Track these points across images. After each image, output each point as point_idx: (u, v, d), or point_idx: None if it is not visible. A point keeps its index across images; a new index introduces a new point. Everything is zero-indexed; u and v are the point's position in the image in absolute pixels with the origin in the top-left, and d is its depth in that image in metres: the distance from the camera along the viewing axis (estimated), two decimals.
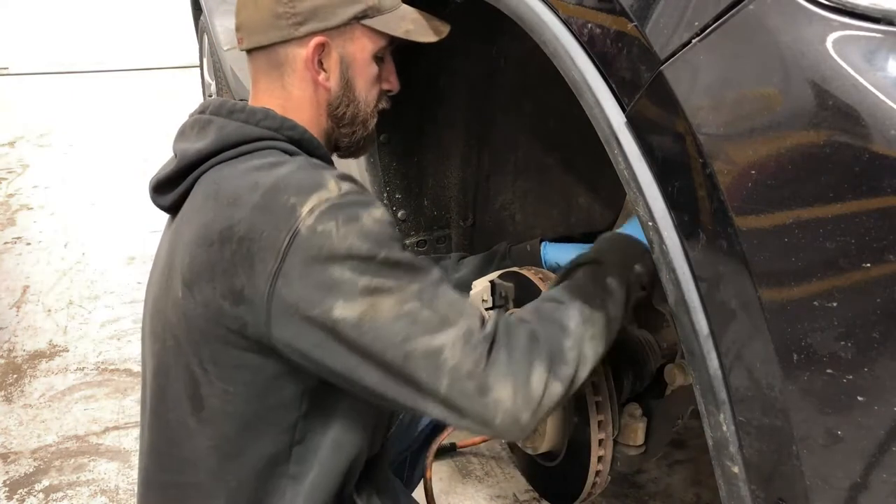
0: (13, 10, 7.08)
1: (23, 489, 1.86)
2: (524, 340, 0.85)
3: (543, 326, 0.88)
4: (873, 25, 0.58)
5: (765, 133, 0.63)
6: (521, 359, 0.83)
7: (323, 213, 0.82)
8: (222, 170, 0.93)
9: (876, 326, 0.58)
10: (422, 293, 0.83)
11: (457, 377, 0.81)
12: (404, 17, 1.04)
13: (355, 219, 0.83)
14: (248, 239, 0.83)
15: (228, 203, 0.87)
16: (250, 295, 0.84)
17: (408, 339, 0.81)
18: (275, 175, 0.87)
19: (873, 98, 0.56)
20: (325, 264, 0.81)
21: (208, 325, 0.88)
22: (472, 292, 1.30)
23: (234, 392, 0.90)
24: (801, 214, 0.61)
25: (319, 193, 0.83)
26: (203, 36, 4.08)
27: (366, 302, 0.81)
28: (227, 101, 0.98)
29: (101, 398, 2.23)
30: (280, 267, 0.81)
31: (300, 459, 0.95)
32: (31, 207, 3.76)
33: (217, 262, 0.85)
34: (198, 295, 0.88)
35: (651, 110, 0.73)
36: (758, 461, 0.70)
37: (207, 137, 0.95)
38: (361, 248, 0.81)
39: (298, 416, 0.92)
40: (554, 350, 0.86)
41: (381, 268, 0.82)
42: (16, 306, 2.77)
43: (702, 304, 0.71)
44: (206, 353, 0.90)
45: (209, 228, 0.87)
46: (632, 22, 0.74)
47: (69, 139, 5.00)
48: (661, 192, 0.73)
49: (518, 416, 0.82)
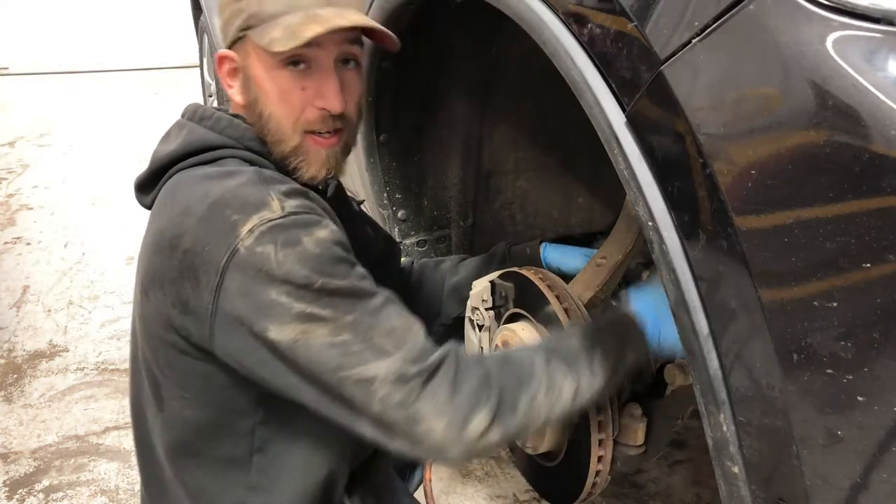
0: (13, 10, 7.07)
1: (23, 489, 1.86)
2: (475, 381, 0.83)
3: (505, 374, 0.86)
4: (873, 25, 0.58)
5: (765, 133, 0.63)
6: (465, 398, 0.82)
7: (263, 234, 0.81)
8: (182, 175, 0.93)
9: (876, 326, 0.58)
10: (356, 324, 0.81)
11: (387, 406, 0.80)
12: (280, 24, 0.90)
13: (295, 242, 0.81)
14: (193, 252, 0.84)
15: (180, 211, 0.87)
16: (195, 306, 0.84)
17: (339, 368, 0.80)
18: (223, 187, 0.86)
19: (873, 98, 0.56)
20: (262, 285, 0.80)
21: (161, 330, 0.89)
22: (473, 292, 1.30)
23: (190, 398, 0.92)
24: (801, 214, 0.61)
25: (261, 213, 0.82)
26: (203, 36, 4.08)
27: (299, 328, 0.80)
28: (201, 107, 0.98)
29: (101, 398, 2.23)
30: (220, 283, 0.81)
31: (263, 469, 0.95)
32: (31, 207, 3.76)
33: (167, 270, 0.86)
34: (153, 300, 0.89)
35: (651, 110, 0.73)
36: (758, 461, 0.70)
37: (176, 141, 0.95)
38: (298, 274, 0.80)
39: (255, 423, 0.93)
40: (505, 399, 0.84)
41: (318, 296, 0.81)
42: (16, 306, 2.77)
43: (702, 304, 0.71)
44: (163, 358, 0.91)
45: (162, 235, 0.88)
46: (632, 22, 0.74)
47: (69, 139, 5.00)
48: (661, 192, 0.73)
49: (446, 450, 0.82)
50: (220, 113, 0.97)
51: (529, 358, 0.90)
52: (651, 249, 0.75)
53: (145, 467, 1.03)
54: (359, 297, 0.83)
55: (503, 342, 1.22)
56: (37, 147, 4.83)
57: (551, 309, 1.13)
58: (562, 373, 0.89)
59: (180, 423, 0.93)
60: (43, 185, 4.10)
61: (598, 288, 1.19)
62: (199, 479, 0.95)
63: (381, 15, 1.34)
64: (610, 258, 1.21)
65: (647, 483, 1.88)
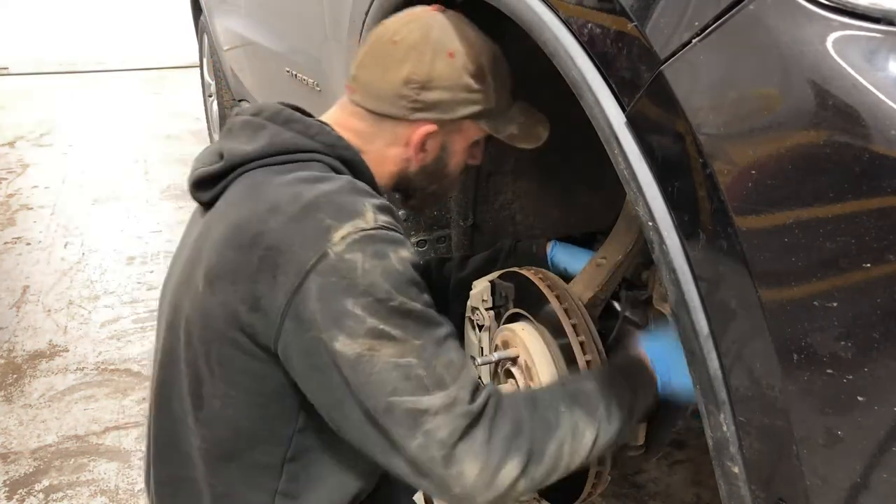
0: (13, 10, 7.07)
1: (23, 489, 1.86)
2: (508, 428, 0.84)
3: (534, 419, 0.87)
4: (873, 25, 0.58)
5: (765, 133, 0.63)
6: (499, 445, 0.82)
7: (354, 243, 0.82)
8: (266, 174, 0.93)
9: (876, 326, 0.58)
10: (423, 350, 0.82)
11: (429, 442, 0.80)
12: (512, 119, 1.09)
13: (383, 256, 0.83)
14: (277, 249, 0.84)
15: (266, 209, 0.87)
16: (267, 305, 0.84)
17: (395, 393, 0.80)
18: (318, 190, 0.87)
19: (873, 98, 0.56)
20: (342, 294, 0.81)
21: (222, 325, 0.88)
22: (473, 292, 1.30)
23: (235, 396, 0.90)
24: (801, 214, 0.61)
25: (355, 221, 0.84)
26: (203, 36, 4.08)
27: (367, 343, 0.81)
28: (283, 110, 0.99)
29: (101, 398, 2.23)
30: (301, 284, 0.82)
31: (292, 477, 0.94)
32: (31, 207, 3.76)
33: (242, 266, 0.86)
34: (219, 294, 0.88)
35: (651, 110, 0.73)
36: (758, 461, 0.70)
37: (258, 142, 0.95)
38: (381, 288, 0.81)
39: (294, 430, 0.92)
40: (535, 448, 0.85)
41: (393, 314, 0.82)
42: (16, 306, 2.77)
43: (702, 304, 0.71)
44: (215, 354, 0.90)
45: (242, 230, 0.87)
46: (632, 22, 0.74)
47: (69, 139, 5.00)
48: (661, 192, 0.73)
49: (475, 496, 0.82)
50: (308, 118, 0.99)
51: (555, 403, 0.90)
52: (651, 249, 0.75)
53: (163, 466, 1.01)
54: (427, 324, 0.85)
55: (503, 342, 1.22)
56: (37, 147, 4.83)
57: (551, 309, 1.13)
58: (584, 421, 0.90)
59: (219, 424, 0.92)
60: (43, 185, 4.10)
61: (598, 288, 1.19)
62: (229, 482, 0.94)
63: (381, 15, 1.34)
64: (610, 258, 1.21)
65: (647, 483, 1.88)
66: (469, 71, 1.01)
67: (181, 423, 0.96)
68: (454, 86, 1.00)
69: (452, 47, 1.01)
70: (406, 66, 0.99)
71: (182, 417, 0.96)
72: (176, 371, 0.96)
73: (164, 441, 1.00)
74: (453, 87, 1.00)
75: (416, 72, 0.99)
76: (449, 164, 1.09)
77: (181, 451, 0.97)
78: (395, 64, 1.00)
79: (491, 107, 1.05)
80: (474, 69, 1.01)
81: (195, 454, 0.95)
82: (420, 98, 1.00)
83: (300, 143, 0.95)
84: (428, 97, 1.00)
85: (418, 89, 0.99)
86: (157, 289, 2.91)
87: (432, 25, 1.02)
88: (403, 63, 0.99)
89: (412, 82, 0.99)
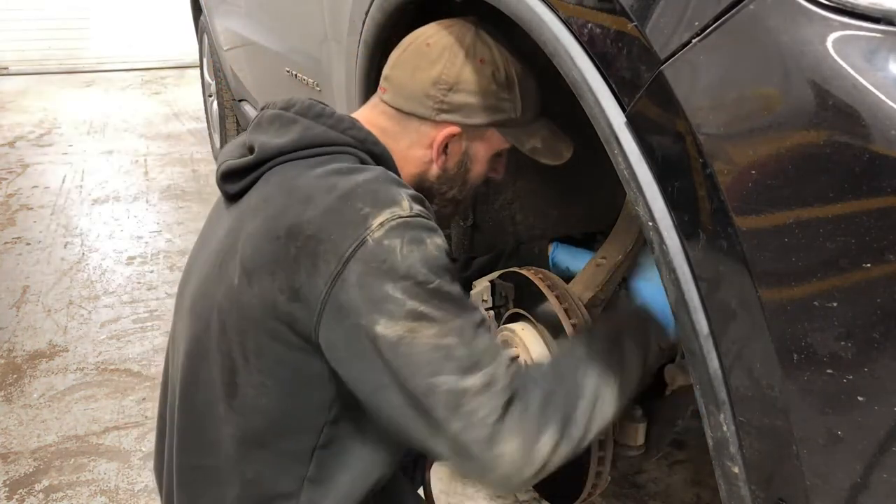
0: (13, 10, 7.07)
1: (23, 489, 1.86)
2: (539, 400, 0.85)
3: (560, 387, 0.88)
4: (873, 25, 0.58)
5: (765, 133, 0.63)
6: (533, 418, 0.83)
7: (392, 229, 0.83)
8: (298, 167, 0.94)
9: (876, 326, 0.58)
10: (462, 331, 0.83)
11: (471, 423, 0.81)
12: (535, 132, 1.10)
13: (420, 241, 0.84)
14: (316, 238, 0.85)
15: (301, 200, 0.88)
16: (307, 293, 0.85)
17: (437, 373, 0.81)
18: (353, 181, 0.88)
19: (873, 98, 0.56)
20: (382, 278, 0.82)
21: (260, 315, 0.89)
22: (473, 292, 1.30)
23: (271, 386, 0.91)
24: (801, 214, 0.61)
25: (392, 209, 0.85)
26: (203, 36, 4.08)
27: (408, 325, 0.82)
28: (315, 105, 1.01)
29: (101, 398, 2.23)
30: (341, 272, 0.83)
31: (321, 463, 0.95)
32: (31, 207, 3.76)
33: (281, 257, 0.87)
34: (255, 285, 0.88)
35: (651, 110, 0.73)
36: (758, 461, 0.70)
37: (289, 135, 0.96)
38: (420, 271, 0.82)
39: (326, 421, 0.93)
40: (568, 413, 0.86)
41: (432, 296, 0.83)
42: (16, 306, 2.77)
43: (702, 304, 0.71)
44: (252, 344, 0.90)
45: (277, 222, 0.88)
46: (632, 22, 0.74)
47: (69, 139, 5.01)
48: (661, 192, 0.73)
49: (520, 472, 0.83)
50: (338, 112, 1.00)
51: (574, 368, 0.91)
52: (651, 249, 0.75)
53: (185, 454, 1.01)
54: (465, 307, 0.86)
55: (503, 342, 1.22)
56: (37, 147, 4.83)
57: (551, 309, 1.13)
58: (604, 381, 0.91)
59: (253, 412, 0.93)
60: (43, 185, 4.10)
61: (598, 288, 1.19)
62: (259, 468, 0.95)
63: (381, 15, 1.34)
64: (610, 258, 1.21)
65: (647, 483, 1.88)
66: (497, 79, 1.03)
67: (209, 411, 0.96)
68: (481, 91, 1.02)
69: (484, 54, 1.03)
70: (437, 67, 1.01)
71: (211, 405, 0.96)
72: (206, 360, 0.96)
73: (188, 429, 1.00)
74: (480, 93, 1.02)
75: (446, 73, 1.01)
76: (471, 171, 1.10)
77: (207, 439, 0.97)
78: (426, 64, 1.02)
79: (516, 117, 1.06)
80: (503, 78, 1.03)
81: (226, 441, 0.95)
82: (447, 99, 1.02)
83: (332, 137, 0.97)
84: (454, 99, 1.02)
85: (446, 90, 1.01)
86: (157, 289, 2.92)
87: (466, 33, 1.04)
88: (435, 64, 1.02)
89: (441, 83, 1.01)
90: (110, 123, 5.42)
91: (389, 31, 1.34)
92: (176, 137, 5.01)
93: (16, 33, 7.03)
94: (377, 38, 1.38)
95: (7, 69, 7.08)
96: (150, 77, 7.17)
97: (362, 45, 1.45)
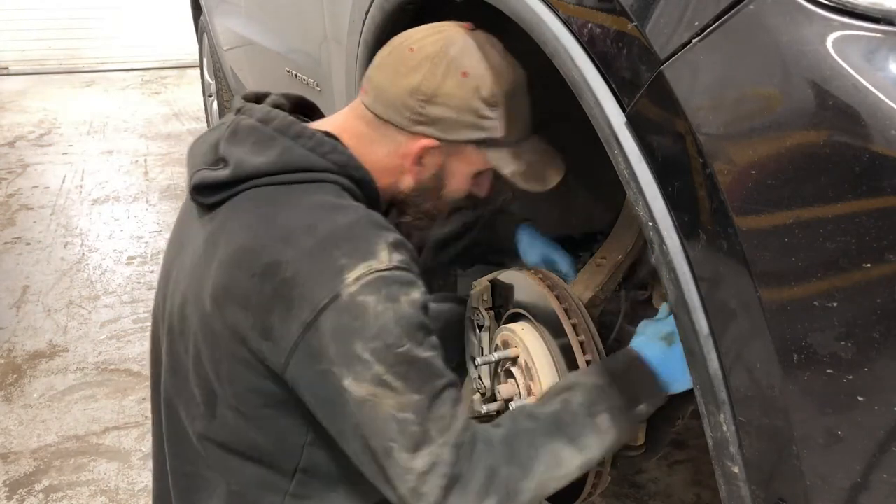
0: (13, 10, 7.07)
1: (23, 489, 1.86)
2: (481, 481, 0.86)
3: (508, 464, 0.88)
4: (873, 25, 0.58)
5: (765, 133, 0.63)
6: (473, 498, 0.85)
7: (367, 285, 0.83)
8: (277, 193, 0.92)
9: (876, 326, 0.58)
10: (419, 406, 0.84)
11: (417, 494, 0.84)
12: (521, 154, 1.04)
13: (395, 299, 0.83)
14: (291, 283, 0.84)
15: (280, 239, 0.86)
16: (279, 336, 0.85)
17: (393, 441, 0.83)
18: (333, 223, 0.87)
19: (873, 98, 0.56)
20: (353, 336, 0.82)
21: (232, 346, 0.89)
22: (473, 292, 1.30)
23: (246, 411, 0.92)
24: (801, 214, 0.61)
25: (369, 262, 0.84)
26: (203, 36, 4.08)
27: (371, 390, 0.83)
28: (294, 123, 0.97)
29: (101, 398, 2.23)
30: (314, 322, 0.83)
31: (303, 483, 0.96)
32: (31, 207, 3.76)
33: (255, 294, 0.86)
34: (228, 316, 0.88)
35: (651, 110, 0.73)
36: (758, 461, 0.70)
37: (268, 155, 0.93)
38: (392, 332, 0.83)
39: (305, 443, 0.94)
40: (511, 490, 0.87)
41: (399, 362, 0.83)
42: (16, 306, 2.77)
43: (702, 304, 0.71)
44: (224, 372, 0.91)
45: (255, 256, 0.87)
46: (632, 22, 0.74)
47: (69, 139, 5.00)
48: (661, 192, 0.73)
49: None
50: (319, 133, 0.97)
51: (535, 435, 0.92)
52: (651, 249, 0.75)
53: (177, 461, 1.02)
54: (429, 376, 0.86)
55: (503, 342, 1.22)
56: (37, 147, 4.83)
57: (551, 309, 1.13)
58: (569, 447, 0.92)
59: (234, 432, 0.94)
60: (43, 185, 4.10)
61: (598, 288, 1.19)
62: (243, 482, 0.96)
63: (381, 15, 1.34)
64: (610, 258, 1.21)
65: (647, 483, 1.88)
66: (480, 95, 0.97)
67: (193, 424, 0.98)
68: (460, 106, 0.97)
69: (468, 67, 0.97)
70: (416, 76, 0.96)
71: (194, 420, 0.97)
72: (185, 381, 0.97)
73: (176, 441, 1.02)
74: (459, 108, 0.97)
75: (425, 84, 0.96)
76: (446, 185, 1.05)
77: (193, 449, 0.99)
78: (407, 71, 0.97)
79: (498, 137, 1.00)
80: (487, 95, 0.97)
81: (210, 452, 0.97)
82: (423, 111, 0.97)
83: (312, 162, 0.94)
84: (431, 112, 0.97)
85: (423, 102, 0.96)
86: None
87: (454, 42, 0.98)
88: (415, 72, 0.96)
89: (419, 93, 0.96)
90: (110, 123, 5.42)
91: (389, 31, 1.34)
92: (176, 137, 5.01)
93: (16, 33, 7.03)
94: (377, 38, 1.38)
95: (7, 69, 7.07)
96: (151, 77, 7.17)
97: (362, 45, 1.45)
